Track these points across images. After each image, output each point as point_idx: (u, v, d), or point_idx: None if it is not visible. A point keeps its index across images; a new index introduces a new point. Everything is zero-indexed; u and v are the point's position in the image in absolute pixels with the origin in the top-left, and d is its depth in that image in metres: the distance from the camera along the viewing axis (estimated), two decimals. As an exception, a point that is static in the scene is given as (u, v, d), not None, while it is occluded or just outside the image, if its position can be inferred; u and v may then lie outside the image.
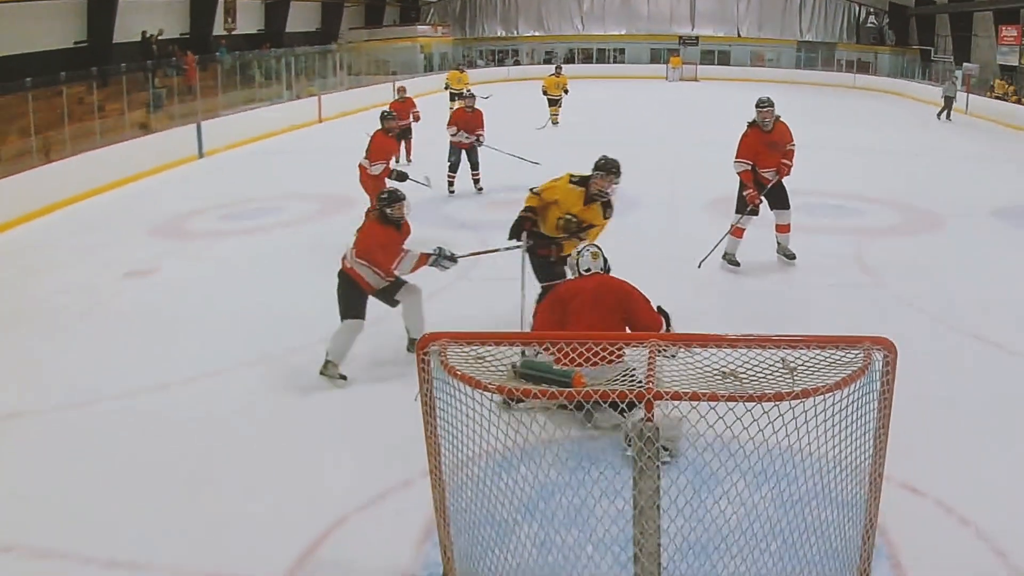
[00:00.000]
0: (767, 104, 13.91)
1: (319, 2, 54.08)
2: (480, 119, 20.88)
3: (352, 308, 10.12)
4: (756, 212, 14.03)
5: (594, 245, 9.21)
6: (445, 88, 35.26)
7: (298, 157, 27.68)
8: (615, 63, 65.04)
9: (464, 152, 20.70)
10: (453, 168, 20.68)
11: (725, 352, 5.47)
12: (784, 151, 13.95)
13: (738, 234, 14.25)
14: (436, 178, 17.39)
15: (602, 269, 9.01)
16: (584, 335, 6.34)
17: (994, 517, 7.18)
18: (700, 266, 14.03)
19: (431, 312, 10.67)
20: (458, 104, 32.94)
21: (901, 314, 12.36)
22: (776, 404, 4.96)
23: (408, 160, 24.26)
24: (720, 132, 18.09)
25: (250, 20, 45.35)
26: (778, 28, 63.89)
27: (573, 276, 9.03)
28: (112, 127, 25.19)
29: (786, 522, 5.71)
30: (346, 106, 37.68)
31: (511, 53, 66.83)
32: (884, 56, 60.80)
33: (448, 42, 64.63)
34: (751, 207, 13.84)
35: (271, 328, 11.91)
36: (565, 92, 33.77)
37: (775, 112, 13.91)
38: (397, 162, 22.33)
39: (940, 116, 38.46)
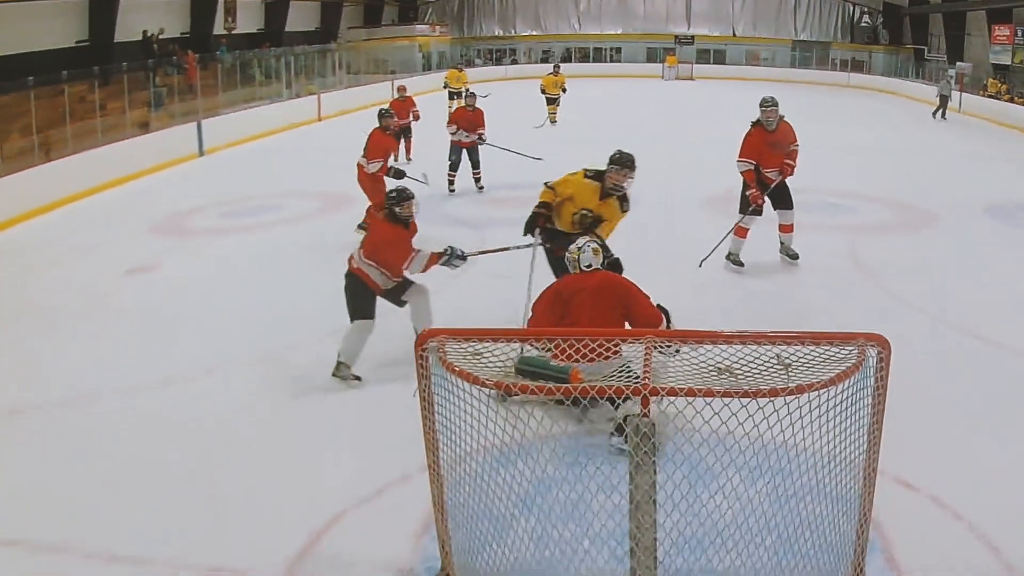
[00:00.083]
0: (771, 103, 13.68)
1: (318, 2, 54.03)
2: (481, 118, 20.74)
3: (362, 308, 10.06)
4: (759, 212, 13.88)
5: (595, 241, 9.13)
6: (444, 87, 35.16)
7: (298, 155, 27.73)
8: (612, 62, 64.97)
9: (465, 151, 20.52)
10: (454, 167, 20.53)
11: (721, 348, 5.48)
12: (788, 151, 13.75)
13: (742, 234, 14.11)
14: (435, 176, 17.36)
15: (602, 265, 8.97)
16: (581, 331, 6.35)
17: (987, 512, 7.18)
18: (701, 265, 13.90)
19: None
20: (457, 103, 33.06)
21: (895, 311, 12.36)
22: (771, 400, 4.97)
23: (408, 159, 24.17)
24: (716, 131, 18.10)
25: (250, 19, 45.30)
26: (773, 27, 63.86)
27: (573, 272, 8.99)
28: (113, 126, 25.15)
29: (781, 516, 5.72)
30: (345, 105, 37.63)
31: (508, 52, 66.80)
32: (878, 55, 60.80)
33: (446, 41, 64.62)
34: (753, 207, 13.68)
35: (271, 326, 11.90)
36: (563, 91, 33.68)
37: (779, 112, 13.73)
38: (396, 160, 22.33)
39: (936, 115, 38.35)
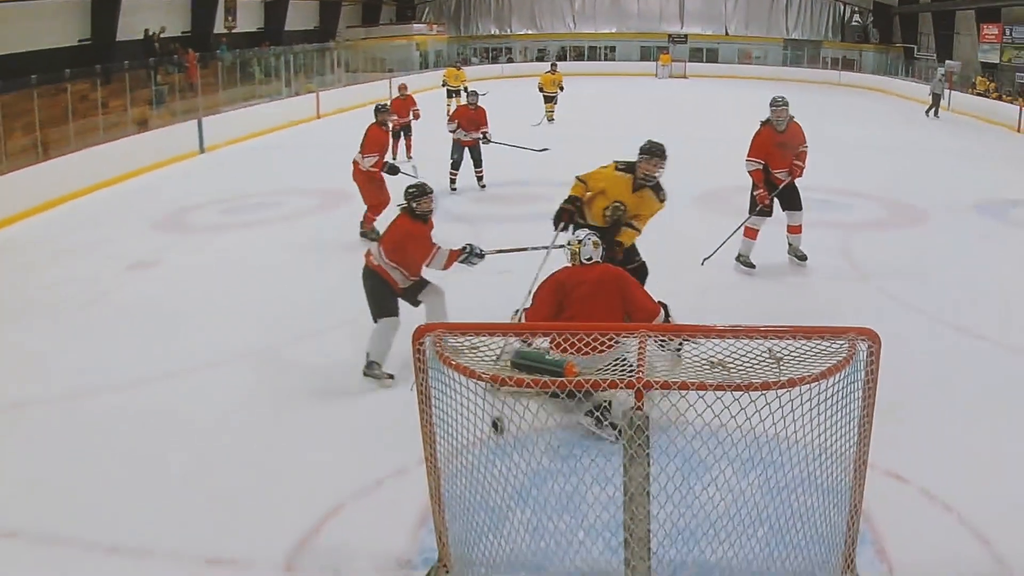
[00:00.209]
0: (782, 103, 13.48)
1: (317, 1, 54.01)
2: (483, 116, 20.53)
3: (386, 306, 9.95)
4: (768, 213, 13.66)
5: (594, 233, 9.11)
6: (443, 85, 35.09)
7: (297, 153, 27.68)
8: (606, 60, 65.00)
9: (467, 149, 20.24)
10: (455, 166, 20.26)
11: (714, 342, 5.47)
12: (797, 152, 13.54)
13: (751, 235, 13.88)
14: (435, 174, 17.31)
15: (602, 258, 8.93)
16: (576, 326, 6.33)
17: (977, 504, 7.18)
18: (703, 263, 13.71)
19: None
20: (455, 101, 33.03)
21: (885, 306, 12.37)
22: (763, 393, 4.97)
23: (409, 157, 23.76)
24: (709, 128, 18.04)
25: (250, 19, 45.29)
26: (765, 26, 63.87)
27: (573, 264, 8.95)
28: (115, 123, 25.15)
29: (773, 508, 5.71)
30: (344, 103, 37.59)
31: (504, 51, 66.83)
32: (868, 54, 60.80)
33: (443, 40, 64.62)
34: (761, 207, 13.48)
35: (270, 321, 11.90)
36: (560, 89, 33.50)
37: (789, 112, 13.53)
38: (395, 158, 22.26)
39: (928, 113, 38.31)
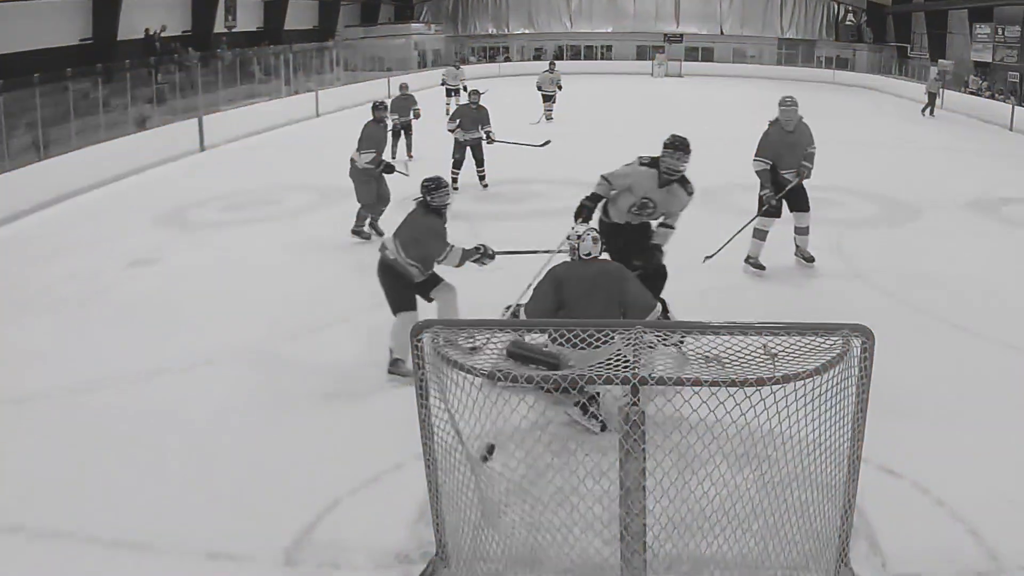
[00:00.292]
0: (791, 103, 13.31)
1: (316, 1, 53.98)
2: (486, 115, 20.25)
3: (404, 301, 9.87)
4: (777, 214, 13.48)
5: (592, 228, 9.05)
6: (442, 84, 35.00)
7: (296, 150, 27.61)
8: (602, 59, 64.98)
9: (469, 149, 19.96)
10: (457, 165, 19.91)
11: (708, 339, 5.47)
12: (805, 153, 13.36)
13: (760, 237, 13.66)
14: (438, 173, 17.22)
15: (601, 253, 8.88)
16: (572, 322, 6.33)
17: (970, 499, 7.21)
18: (705, 261, 13.30)
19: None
20: (454, 100, 32.94)
21: (878, 302, 12.38)
22: (758, 389, 4.96)
23: (409, 156, 23.75)
24: (706, 127, 17.95)
25: (250, 18, 45.24)
26: (759, 25, 63.84)
27: (573, 259, 8.93)
28: (116, 122, 25.12)
29: (768, 503, 5.71)
30: (343, 101, 37.45)
31: (502, 50, 66.78)
32: (862, 53, 60.81)
33: (441, 39, 64.61)
34: (767, 207, 13.28)
35: (269, 316, 11.92)
36: (559, 88, 33.28)
37: (799, 112, 13.36)
38: (394, 156, 22.22)
39: (924, 112, 38.29)
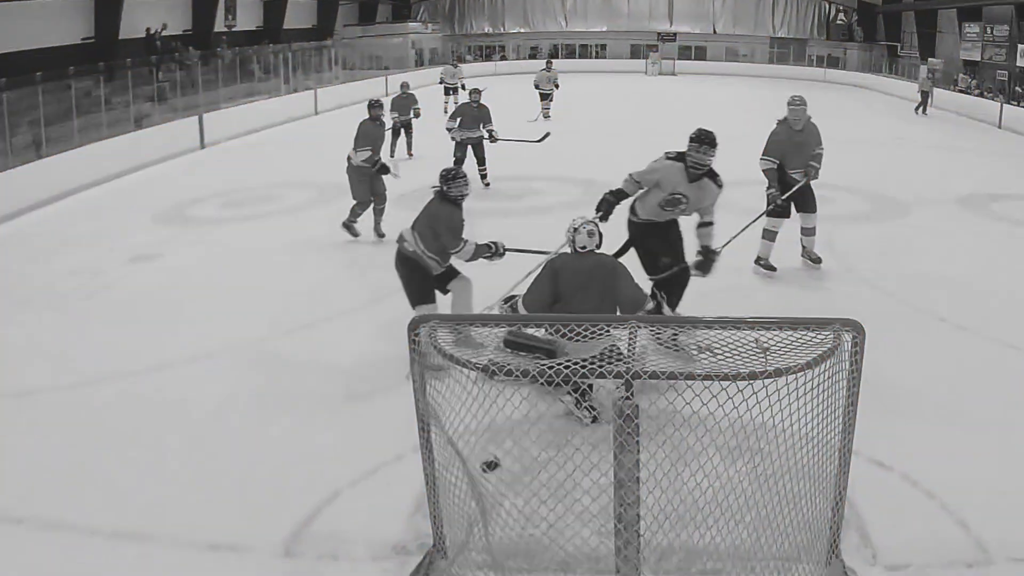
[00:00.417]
0: (800, 103, 13.20)
1: (315, 0, 53.97)
2: (487, 113, 20.06)
3: (424, 293, 9.83)
4: (785, 214, 13.22)
5: (591, 222, 8.90)
6: (440, 82, 35.05)
7: (295, 148, 27.64)
8: (597, 58, 65.01)
9: (470, 147, 19.74)
10: (458, 164, 19.22)
11: (702, 333, 5.47)
12: (812, 154, 13.14)
13: (769, 238, 13.41)
14: (438, 172, 17.17)
15: (598, 246, 8.80)
16: (569, 317, 6.32)
17: (958, 491, 7.22)
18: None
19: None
20: (452, 98, 32.89)
21: (869, 297, 12.40)
22: (750, 383, 4.96)
23: (409, 155, 23.78)
24: (701, 124, 17.91)
25: (249, 17, 45.21)
26: (752, 24, 63.89)
27: (570, 251, 8.89)
28: (118, 120, 25.12)
29: (760, 495, 5.70)
30: (341, 99, 37.44)
31: (498, 49, 66.77)
32: (853, 52, 60.86)
33: (438, 38, 64.62)
34: (772, 206, 13.02)
35: (269, 311, 11.91)
36: (556, 87, 33.05)
37: (807, 112, 13.32)
38: (393, 155, 22.17)
39: (918, 111, 38.30)
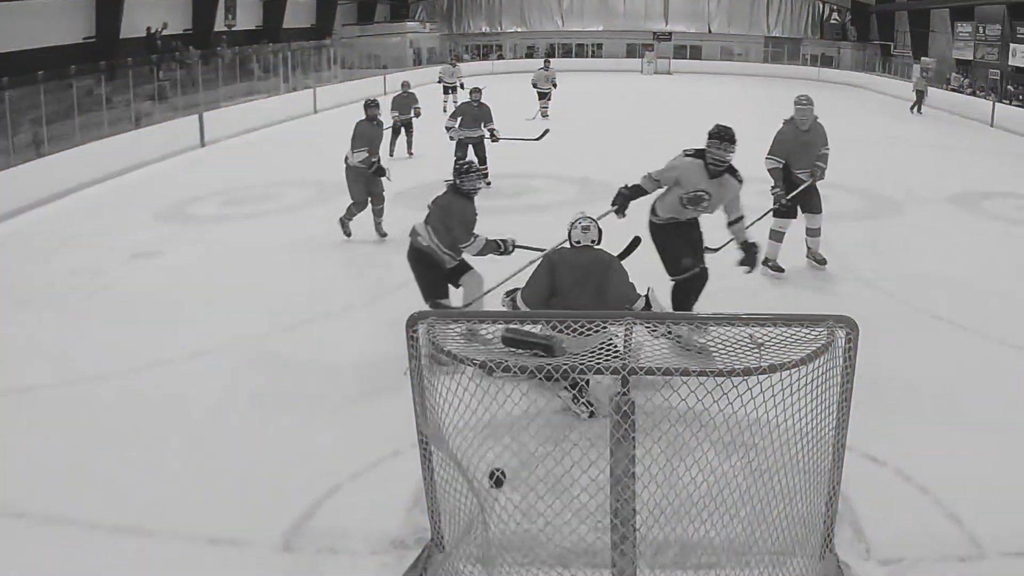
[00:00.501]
0: (807, 102, 12.97)
1: None
2: (488, 112, 19.82)
3: (437, 289, 9.83)
4: (792, 214, 13.11)
5: (588, 218, 8.89)
6: (439, 81, 35.01)
7: (295, 146, 27.66)
8: (593, 57, 64.97)
9: (471, 147, 19.46)
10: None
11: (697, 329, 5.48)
12: (819, 154, 13.01)
13: (777, 239, 13.22)
14: (438, 171, 17.11)
15: (594, 242, 8.76)
16: (565, 313, 6.33)
17: (951, 486, 7.24)
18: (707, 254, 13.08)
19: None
20: (452, 98, 32.85)
21: (862, 294, 12.44)
22: (745, 379, 4.96)
23: (409, 154, 23.86)
24: (698, 122, 17.83)
25: (249, 17, 45.14)
26: (746, 24, 63.82)
27: (569, 246, 8.88)
28: (119, 118, 25.12)
29: (754, 490, 5.70)
30: (340, 98, 37.38)
31: (495, 48, 66.72)
32: (847, 51, 60.85)
33: (436, 37, 64.62)
34: (778, 206, 12.89)
35: (269, 308, 11.93)
36: (554, 86, 32.82)
37: (814, 112, 13.04)
38: (392, 154, 22.17)
39: (913, 110, 38.26)
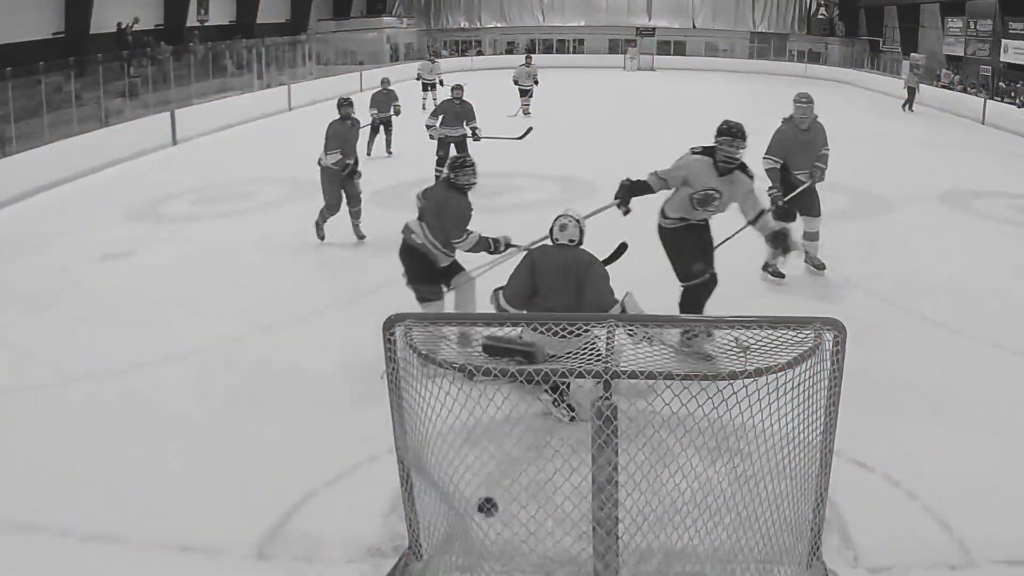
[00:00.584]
0: (807, 100, 12.86)
1: (289, -6, 53.95)
2: (470, 110, 19.73)
3: (431, 289, 9.80)
4: (789, 217, 12.44)
5: (568, 216, 8.78)
6: (417, 78, 35.00)
7: (269, 144, 27.62)
8: (575, 53, 65.02)
9: (453, 146, 19.27)
10: (441, 163, 19.11)
11: (680, 331, 5.49)
12: (818, 154, 12.87)
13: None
14: (418, 170, 17.09)
15: (572, 240, 8.68)
16: (546, 316, 6.33)
17: (940, 492, 7.26)
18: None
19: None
20: (431, 95, 32.84)
21: (851, 295, 12.46)
22: (730, 383, 4.97)
23: (388, 152, 23.78)
24: (682, 120, 17.81)
25: (222, 11, 45.09)
26: (731, 19, 63.98)
27: (552, 243, 8.87)
28: (89, 115, 25.05)
29: (740, 496, 5.72)
30: (315, 95, 37.21)
31: (474, 44, 66.70)
32: (834, 46, 61.05)
33: (413, 33, 64.58)
34: (774, 207, 12.21)
35: (243, 309, 11.90)
36: (535, 83, 32.90)
37: (814, 110, 12.93)
38: (370, 153, 22.11)
39: (904, 108, 38.35)
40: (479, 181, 10.16)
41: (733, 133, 9.75)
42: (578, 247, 8.71)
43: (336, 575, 6.42)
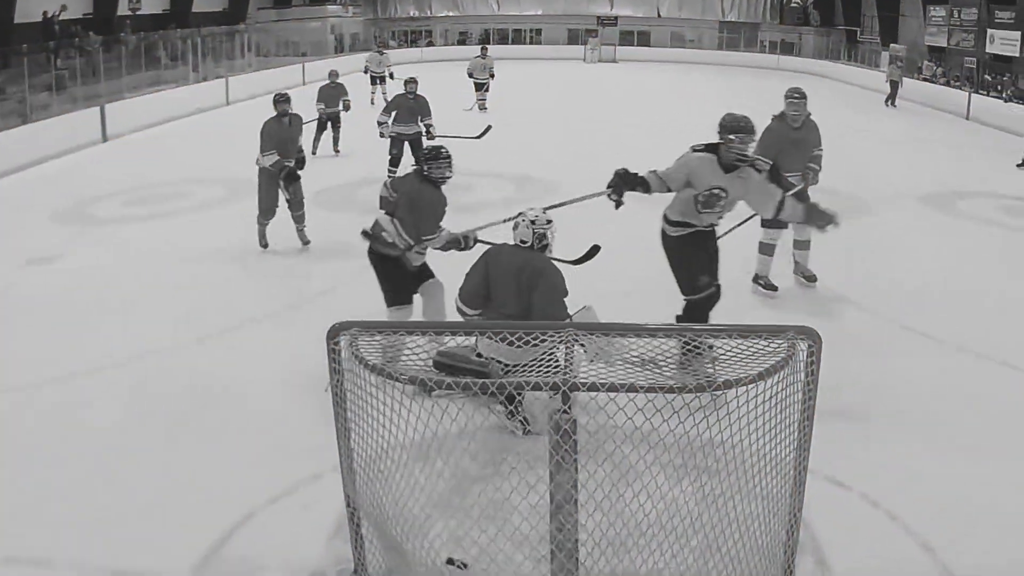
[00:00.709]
0: (799, 96, 12.76)
1: (227, -19, 53.76)
2: (425, 105, 19.39)
3: (401, 293, 9.74)
4: (780, 223, 11.70)
5: (523, 216, 8.69)
6: (365, 71, 34.79)
7: (205, 141, 27.46)
8: (532, 44, 65.01)
9: (407, 144, 19.06)
10: (394, 162, 18.97)
11: (645, 342, 5.47)
12: (811, 155, 12.70)
13: (767, 251, 12.72)
14: (368, 168, 17.02)
15: (524, 242, 8.55)
16: (501, 324, 6.32)
17: (921, 511, 7.27)
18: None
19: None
20: (380, 88, 32.72)
21: (826, 303, 12.50)
22: (697, 396, 4.97)
23: (336, 151, 23.59)
24: (645, 116, 17.88)
25: (155, 0, 44.89)
26: (699, 8, 64.15)
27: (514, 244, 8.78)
28: (12, 110, 24.92)
29: (707, 517, 5.71)
30: (254, 89, 36.97)
31: (424, 34, 66.63)
32: (809, 37, 61.30)
33: (360, 22, 64.46)
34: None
35: (178, 317, 11.83)
36: (491, 76, 32.75)
37: (807, 107, 12.82)
38: (315, 152, 21.99)
39: (887, 103, 38.50)
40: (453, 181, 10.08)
41: (745, 129, 9.32)
42: (533, 250, 8.60)
43: (277, 601, 6.41)
